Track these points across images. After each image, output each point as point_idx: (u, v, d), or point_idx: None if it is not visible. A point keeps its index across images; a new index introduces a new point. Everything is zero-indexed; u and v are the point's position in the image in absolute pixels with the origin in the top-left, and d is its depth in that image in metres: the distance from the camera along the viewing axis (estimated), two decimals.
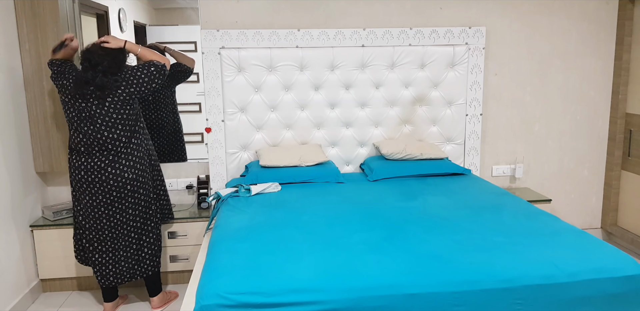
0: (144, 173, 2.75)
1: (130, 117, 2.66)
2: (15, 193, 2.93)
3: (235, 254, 2.01)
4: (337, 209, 2.55)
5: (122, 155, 2.65)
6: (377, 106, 3.41)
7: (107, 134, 2.61)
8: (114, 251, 2.73)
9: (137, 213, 2.74)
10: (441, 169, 3.21)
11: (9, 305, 2.81)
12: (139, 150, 2.72)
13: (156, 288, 2.94)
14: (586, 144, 3.76)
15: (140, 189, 2.73)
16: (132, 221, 2.73)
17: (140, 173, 2.72)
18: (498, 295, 1.79)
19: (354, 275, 1.82)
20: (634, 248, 3.59)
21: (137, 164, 2.70)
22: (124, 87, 2.59)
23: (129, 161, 2.67)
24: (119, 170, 2.64)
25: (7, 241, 2.83)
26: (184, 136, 3.44)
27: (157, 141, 3.37)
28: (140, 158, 2.72)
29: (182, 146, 3.44)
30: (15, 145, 2.93)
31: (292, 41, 3.26)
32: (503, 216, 2.40)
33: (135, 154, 2.70)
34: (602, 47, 3.63)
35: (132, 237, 2.75)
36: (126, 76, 2.60)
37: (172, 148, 3.43)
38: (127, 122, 2.66)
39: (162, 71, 2.65)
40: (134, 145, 2.69)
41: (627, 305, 1.87)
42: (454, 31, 3.37)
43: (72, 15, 3.11)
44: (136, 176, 2.70)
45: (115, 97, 2.59)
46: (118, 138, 2.63)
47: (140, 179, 2.72)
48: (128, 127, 2.66)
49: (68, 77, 2.62)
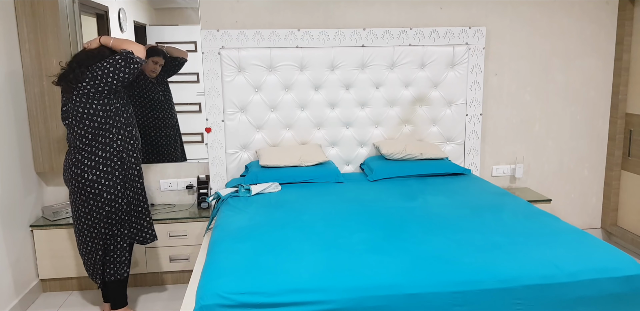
0: (110, 176, 2.58)
1: (98, 113, 2.52)
2: (15, 192, 2.93)
3: (236, 254, 2.01)
4: (337, 209, 2.55)
5: (85, 154, 2.54)
6: (377, 106, 3.41)
7: (76, 130, 2.54)
8: (87, 254, 2.68)
9: (101, 218, 2.61)
10: (441, 169, 3.21)
11: (9, 305, 2.81)
12: (106, 150, 2.56)
13: (119, 301, 2.79)
14: (586, 144, 3.76)
15: (104, 193, 2.58)
16: (97, 225, 2.62)
17: (104, 175, 2.56)
18: (498, 295, 1.79)
19: (354, 275, 1.82)
20: (634, 248, 3.59)
21: (101, 165, 2.55)
22: (88, 79, 2.48)
23: (91, 161, 2.54)
24: (80, 170, 2.54)
25: (7, 241, 2.82)
26: (185, 136, 3.44)
27: (155, 141, 3.36)
28: (106, 159, 2.56)
29: (181, 146, 3.44)
30: (15, 145, 2.93)
31: (292, 41, 3.26)
32: (503, 216, 2.40)
33: (100, 154, 2.55)
34: (602, 47, 3.63)
35: (97, 243, 2.64)
36: (94, 68, 2.49)
37: (170, 148, 3.43)
38: (95, 118, 2.52)
39: (127, 59, 2.49)
40: (100, 144, 2.55)
41: (627, 305, 1.87)
42: (454, 31, 3.37)
43: (72, 15, 3.11)
44: (97, 177, 2.55)
45: (80, 90, 2.50)
46: (84, 135, 2.53)
47: (104, 181, 2.56)
48: (96, 125, 2.53)
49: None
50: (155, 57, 3.27)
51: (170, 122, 3.40)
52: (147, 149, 3.36)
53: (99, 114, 2.54)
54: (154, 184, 3.45)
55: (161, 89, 3.34)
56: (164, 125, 3.38)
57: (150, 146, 3.37)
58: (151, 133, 3.35)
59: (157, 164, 3.42)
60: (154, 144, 3.37)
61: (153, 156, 3.40)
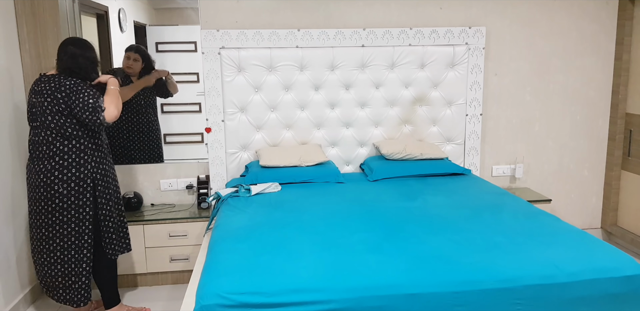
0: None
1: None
2: (15, 193, 2.93)
3: (236, 254, 2.01)
4: (337, 209, 2.55)
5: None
6: (377, 106, 3.41)
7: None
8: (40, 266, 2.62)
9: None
10: (441, 169, 3.21)
11: (9, 306, 2.81)
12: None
13: (112, 300, 2.78)
14: (586, 144, 3.76)
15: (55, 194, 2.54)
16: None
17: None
18: (498, 295, 1.79)
19: (354, 274, 1.82)
20: (634, 248, 3.59)
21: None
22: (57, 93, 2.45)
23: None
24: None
25: (6, 242, 2.82)
26: (185, 136, 3.45)
27: (136, 143, 3.41)
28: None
29: (160, 147, 3.48)
30: (15, 145, 2.93)
31: (292, 41, 3.26)
32: (503, 216, 2.40)
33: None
34: (602, 47, 3.63)
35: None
36: (72, 88, 2.44)
37: (151, 150, 3.46)
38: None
39: (95, 112, 2.43)
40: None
41: (627, 305, 1.87)
42: (454, 31, 3.37)
43: (72, 15, 3.11)
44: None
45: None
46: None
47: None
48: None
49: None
50: (128, 52, 3.28)
51: (152, 126, 3.43)
52: (126, 152, 3.42)
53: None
54: (154, 184, 3.45)
55: (141, 93, 3.34)
56: (146, 129, 3.41)
57: (128, 149, 3.42)
58: (130, 136, 3.39)
59: (157, 164, 3.43)
60: (131, 147, 3.43)
61: (132, 157, 3.44)
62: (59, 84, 2.45)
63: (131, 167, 3.40)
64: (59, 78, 2.47)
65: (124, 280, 3.25)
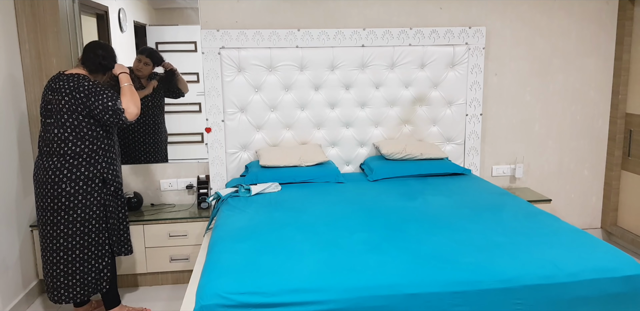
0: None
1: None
2: (15, 193, 2.93)
3: (236, 254, 2.01)
4: (337, 209, 2.55)
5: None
6: (377, 106, 3.41)
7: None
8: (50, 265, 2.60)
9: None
10: (441, 169, 3.21)
11: (9, 305, 2.81)
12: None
13: (112, 302, 2.79)
14: (586, 144, 3.76)
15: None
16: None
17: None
18: (498, 295, 1.79)
19: (354, 275, 1.82)
20: (634, 248, 3.59)
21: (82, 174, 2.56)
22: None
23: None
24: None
25: (7, 241, 2.83)
26: (185, 136, 3.45)
27: (143, 145, 3.41)
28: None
29: (166, 149, 3.48)
30: (15, 145, 2.93)
31: (292, 41, 3.26)
32: (503, 216, 2.40)
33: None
34: (602, 47, 3.63)
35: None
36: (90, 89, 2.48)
37: (157, 151, 3.46)
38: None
39: (116, 115, 2.49)
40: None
41: (627, 305, 1.87)
42: (454, 31, 3.37)
43: (72, 15, 3.11)
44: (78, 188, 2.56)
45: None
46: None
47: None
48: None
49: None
50: (140, 55, 3.28)
51: (159, 127, 3.43)
52: (132, 153, 3.42)
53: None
54: (154, 184, 3.45)
55: (150, 94, 3.34)
56: (153, 130, 3.41)
57: (133, 150, 3.43)
58: (137, 137, 3.39)
59: (157, 164, 3.43)
60: (137, 148, 3.43)
61: (138, 158, 3.44)
62: (77, 84, 2.48)
63: (131, 167, 3.41)
64: (77, 78, 2.49)
65: (124, 280, 3.25)
